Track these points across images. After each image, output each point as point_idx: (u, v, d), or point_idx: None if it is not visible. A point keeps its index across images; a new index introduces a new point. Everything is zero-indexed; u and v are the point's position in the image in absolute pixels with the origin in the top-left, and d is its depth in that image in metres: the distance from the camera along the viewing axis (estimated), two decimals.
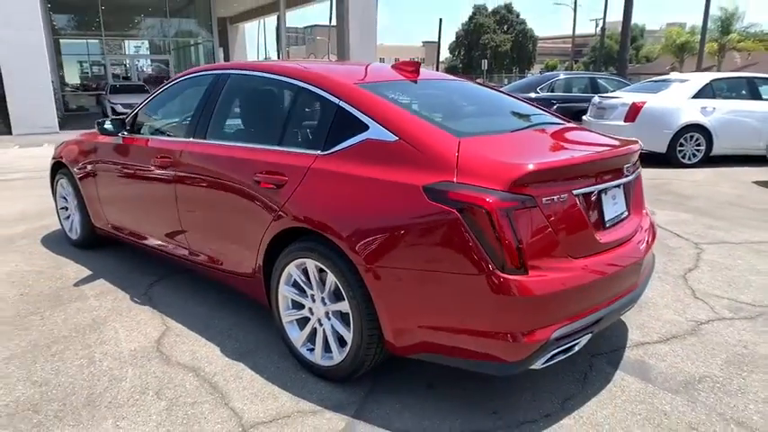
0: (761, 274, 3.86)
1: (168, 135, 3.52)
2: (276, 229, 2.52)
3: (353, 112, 2.41)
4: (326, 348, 2.48)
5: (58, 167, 4.44)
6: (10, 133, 14.55)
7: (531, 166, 2.02)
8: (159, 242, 3.47)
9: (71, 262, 4.12)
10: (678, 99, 8.18)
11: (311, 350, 2.55)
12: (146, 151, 3.44)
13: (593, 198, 2.28)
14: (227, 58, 30.07)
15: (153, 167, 3.30)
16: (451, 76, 3.46)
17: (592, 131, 2.94)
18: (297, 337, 2.59)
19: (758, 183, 7.16)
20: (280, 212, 2.49)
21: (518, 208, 1.97)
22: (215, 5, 23.80)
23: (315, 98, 2.63)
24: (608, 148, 2.47)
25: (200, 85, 3.30)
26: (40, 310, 3.28)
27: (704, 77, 8.45)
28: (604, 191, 2.35)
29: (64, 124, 15.48)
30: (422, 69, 2.98)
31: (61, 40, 22.94)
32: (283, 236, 2.54)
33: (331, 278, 2.35)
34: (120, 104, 17.70)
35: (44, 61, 14.85)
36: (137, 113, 3.67)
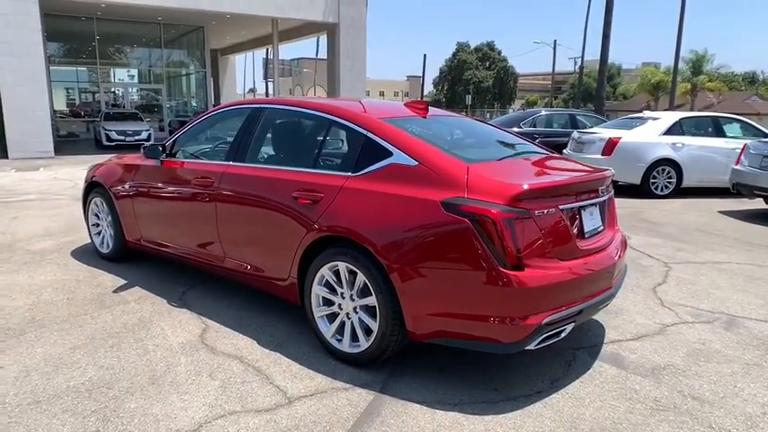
0: (720, 288, 4.43)
1: (207, 159, 4.01)
2: (312, 237, 3.00)
3: (379, 142, 2.94)
4: (353, 338, 2.94)
5: (91, 188, 4.88)
6: (6, 157, 14.85)
7: (525, 186, 2.56)
8: (195, 253, 3.90)
9: (105, 272, 4.52)
10: (650, 135, 8.93)
11: (339, 340, 3.00)
12: (185, 172, 3.91)
13: (574, 213, 2.82)
14: (216, 89, 30.77)
15: (193, 187, 3.77)
16: (454, 113, 4.04)
17: (571, 160, 3.52)
18: (327, 329, 3.05)
19: (722, 212, 7.86)
20: (316, 224, 2.98)
21: (516, 218, 2.49)
22: (208, 38, 24.56)
23: (345, 130, 3.17)
24: (586, 173, 3.03)
25: (237, 117, 3.82)
26: (88, 312, 3.68)
27: (674, 116, 9.24)
28: (584, 207, 2.89)
29: (57, 149, 15.81)
30: (430, 107, 3.55)
31: (51, 67, 23.40)
32: (316, 244, 3.03)
33: (360, 277, 2.82)
34: (115, 131, 18.10)
35: (43, 88, 15.32)
36: (175, 140, 4.15)
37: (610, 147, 8.90)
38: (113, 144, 17.83)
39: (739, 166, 7.68)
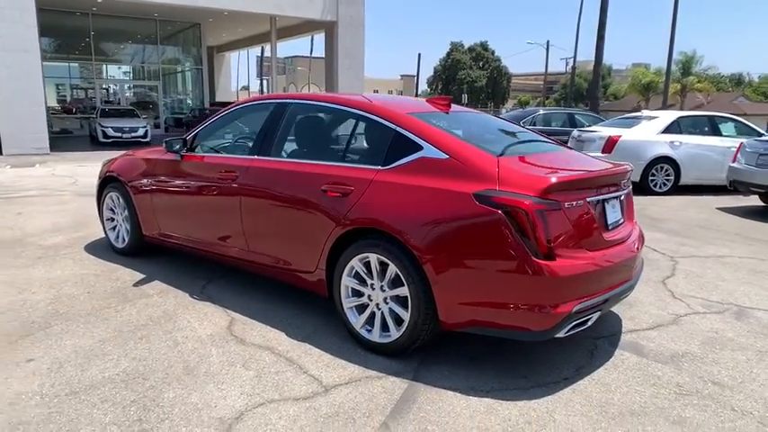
0: (726, 280, 4.55)
1: (230, 153, 4.05)
2: (343, 230, 3.05)
3: (409, 136, 3.00)
4: (383, 328, 3.00)
5: (106, 182, 4.89)
6: (0, 153, 14.70)
7: (556, 178, 2.65)
8: (217, 246, 3.94)
9: (121, 267, 4.54)
10: (649, 134, 9.08)
11: (369, 330, 3.06)
12: (208, 166, 3.95)
13: (599, 205, 2.90)
14: (212, 87, 30.66)
15: (217, 181, 3.81)
16: (472, 110, 4.11)
17: (590, 155, 3.60)
18: (356, 320, 3.11)
19: (720, 209, 8.02)
20: (346, 216, 3.03)
21: (548, 209, 2.57)
22: (205, 35, 24.48)
23: (373, 124, 3.23)
24: (609, 167, 3.11)
25: (260, 111, 3.86)
26: (111, 305, 3.71)
27: (672, 115, 9.40)
28: (607, 200, 2.97)
29: (51, 146, 15.68)
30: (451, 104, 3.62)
31: (43, 63, 23.07)
32: (345, 236, 3.08)
33: (392, 268, 2.88)
34: (111, 128, 18.03)
35: (38, 84, 15.21)
36: (196, 134, 4.19)
37: (610, 145, 9.03)
38: (110, 141, 17.77)
39: (736, 164, 7.83)
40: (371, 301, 3.04)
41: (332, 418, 2.43)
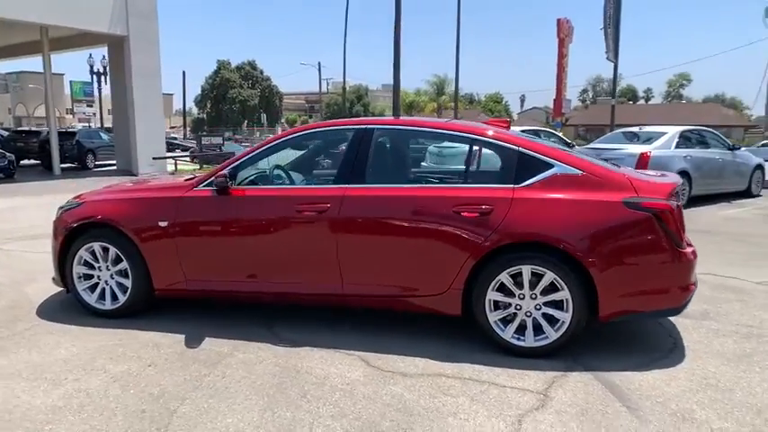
0: None
1: (303, 183, 3.73)
2: (491, 246, 3.22)
3: (537, 156, 3.36)
4: (536, 333, 3.27)
5: (80, 232, 3.91)
6: None
7: (673, 185, 3.35)
8: (287, 285, 3.63)
9: (137, 331, 3.70)
10: None
11: (518, 338, 3.30)
12: (275, 200, 3.61)
13: None
14: None
15: (296, 214, 3.51)
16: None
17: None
18: (503, 331, 3.31)
19: None
20: (494, 233, 3.22)
21: (677, 208, 3.24)
22: None
23: (494, 147, 3.48)
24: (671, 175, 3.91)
25: (331, 138, 3.71)
26: (203, 373, 3.12)
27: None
28: None
29: None
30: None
31: None
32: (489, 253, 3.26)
33: (548, 276, 3.19)
34: None
35: None
36: (237, 166, 3.72)
37: None
38: None
39: None
40: (519, 310, 3.29)
41: (586, 416, 2.66)
